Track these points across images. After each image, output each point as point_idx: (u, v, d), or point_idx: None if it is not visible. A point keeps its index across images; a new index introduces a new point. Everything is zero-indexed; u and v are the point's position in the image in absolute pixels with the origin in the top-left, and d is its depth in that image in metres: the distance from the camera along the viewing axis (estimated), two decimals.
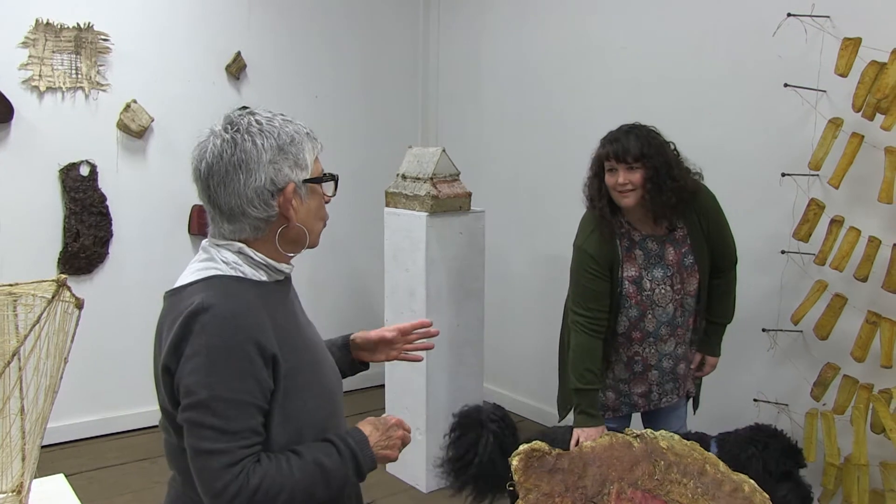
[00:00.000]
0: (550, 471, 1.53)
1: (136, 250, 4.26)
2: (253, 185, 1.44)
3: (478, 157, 4.64)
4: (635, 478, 1.62)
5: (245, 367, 1.38)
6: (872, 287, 2.90)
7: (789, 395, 3.30)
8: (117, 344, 4.19)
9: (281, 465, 1.41)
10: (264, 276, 1.51)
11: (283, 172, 1.46)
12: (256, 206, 1.45)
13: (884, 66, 2.76)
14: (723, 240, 2.78)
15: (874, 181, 2.86)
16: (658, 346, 2.77)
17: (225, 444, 1.36)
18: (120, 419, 4.31)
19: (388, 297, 3.82)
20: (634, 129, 2.62)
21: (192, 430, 1.38)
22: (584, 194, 2.75)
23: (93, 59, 4.04)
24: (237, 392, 1.38)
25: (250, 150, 1.44)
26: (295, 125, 1.50)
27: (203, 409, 1.36)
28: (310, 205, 1.51)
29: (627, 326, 2.75)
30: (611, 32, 3.97)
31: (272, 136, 1.46)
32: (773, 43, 3.19)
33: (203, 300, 1.39)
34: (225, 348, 1.37)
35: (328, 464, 1.46)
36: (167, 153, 4.28)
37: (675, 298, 2.71)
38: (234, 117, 1.49)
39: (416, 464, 3.69)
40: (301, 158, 1.48)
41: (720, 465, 1.70)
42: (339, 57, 4.84)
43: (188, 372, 1.37)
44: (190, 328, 1.38)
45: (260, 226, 1.48)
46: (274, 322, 1.46)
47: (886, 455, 2.89)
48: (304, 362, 1.51)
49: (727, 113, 3.45)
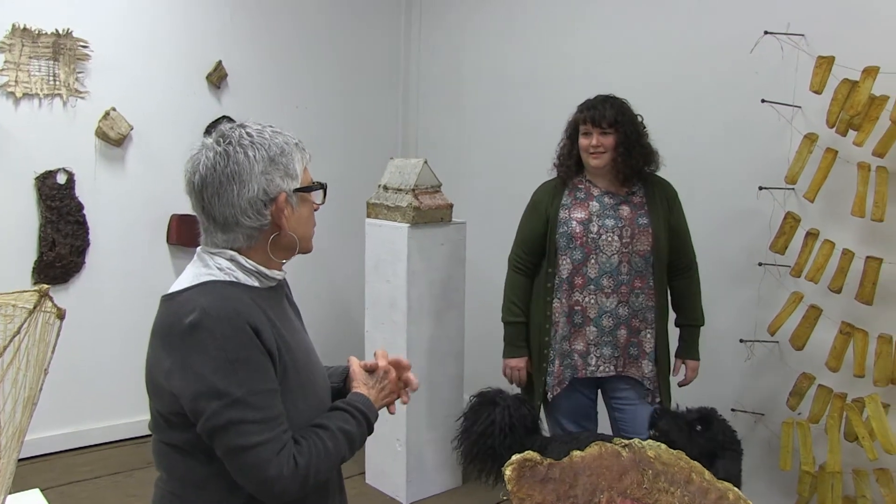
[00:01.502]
0: (542, 480, 1.54)
1: (114, 260, 4.21)
2: (246, 195, 1.48)
3: (458, 169, 4.66)
4: (624, 487, 1.63)
5: (262, 358, 1.44)
6: (846, 298, 2.96)
7: (765, 404, 3.36)
8: (93, 355, 4.14)
9: (316, 441, 1.49)
10: (256, 282, 1.55)
11: (274, 182, 1.50)
12: (250, 215, 1.50)
13: (856, 84, 2.84)
14: (682, 232, 2.99)
15: (848, 195, 2.93)
16: (598, 298, 2.90)
17: (270, 433, 1.42)
18: (92, 432, 4.25)
19: (369, 309, 3.82)
20: (609, 99, 2.93)
21: (233, 429, 1.40)
22: (555, 154, 3.05)
23: (71, 65, 4.01)
24: (265, 381, 1.44)
25: (243, 162, 1.49)
26: (284, 136, 1.55)
27: (242, 405, 1.40)
28: (301, 213, 1.57)
29: (570, 271, 2.92)
30: (592, 46, 4.02)
31: (263, 148, 1.50)
32: (750, 59, 3.27)
33: (204, 307, 1.42)
34: (240, 344, 1.42)
35: (350, 428, 1.56)
36: (146, 162, 4.26)
37: (623, 252, 2.88)
38: (226, 130, 1.54)
39: (397, 475, 3.69)
40: (291, 168, 1.53)
41: (705, 474, 1.72)
42: (321, 67, 4.85)
43: (211, 376, 1.39)
44: (196, 335, 1.41)
45: (253, 234, 1.53)
46: (270, 322, 1.50)
47: (859, 463, 2.95)
48: (298, 364, 1.55)
49: (706, 127, 3.52)
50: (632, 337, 2.94)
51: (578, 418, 3.09)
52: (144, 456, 4.08)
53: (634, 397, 3.00)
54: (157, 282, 4.30)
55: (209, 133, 4.70)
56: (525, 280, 3.09)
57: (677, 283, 3.02)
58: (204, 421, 1.41)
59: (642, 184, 2.96)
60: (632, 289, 2.91)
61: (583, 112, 2.93)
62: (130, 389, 4.26)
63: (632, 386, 2.99)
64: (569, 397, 3.04)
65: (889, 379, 2.83)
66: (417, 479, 3.72)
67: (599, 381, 3.03)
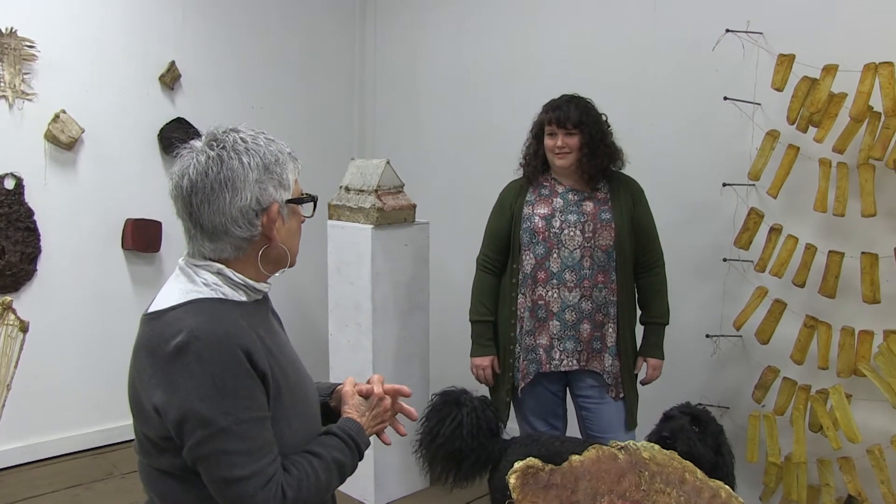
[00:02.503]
0: (545, 487, 1.56)
1: (67, 267, 4.08)
2: (238, 204, 1.43)
3: (416, 169, 4.63)
4: (623, 489, 1.66)
5: (250, 383, 1.39)
6: (808, 292, 3.02)
7: (730, 398, 3.41)
8: (47, 365, 3.99)
9: (307, 470, 1.44)
10: (243, 296, 1.49)
11: (267, 192, 1.45)
12: (241, 225, 1.44)
13: (815, 82, 2.89)
14: (648, 229, 3.01)
15: (809, 191, 2.99)
16: (561, 293, 2.92)
17: (256, 465, 1.36)
18: (48, 444, 4.10)
19: (333, 311, 3.77)
20: (574, 99, 2.95)
21: (217, 459, 1.35)
22: (521, 154, 3.07)
23: (17, 66, 3.86)
24: (253, 409, 1.38)
25: (237, 169, 1.42)
26: (278, 144, 1.50)
27: (227, 435, 1.34)
28: (291, 225, 1.52)
29: (534, 266, 2.95)
30: (550, 44, 4.03)
31: (258, 155, 1.45)
32: (711, 57, 3.31)
33: (192, 329, 1.36)
34: (229, 371, 1.35)
35: (343, 459, 1.52)
36: (99, 165, 4.13)
37: (585, 246, 2.90)
38: (219, 134, 1.47)
39: (365, 478, 3.65)
40: (285, 178, 1.48)
41: (698, 473, 1.75)
42: (276, 67, 4.77)
43: (197, 403, 1.34)
44: (183, 359, 1.35)
45: (242, 245, 1.47)
46: (260, 340, 1.44)
47: (822, 452, 3.01)
48: (290, 381, 1.51)
49: (668, 124, 3.55)
50: (595, 331, 2.95)
51: (546, 415, 3.09)
52: (103, 467, 3.97)
53: (599, 395, 3.01)
54: (111, 289, 4.23)
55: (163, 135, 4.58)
56: (492, 279, 3.09)
57: (643, 280, 3.04)
58: (188, 449, 1.36)
59: (607, 181, 2.98)
60: (594, 283, 2.92)
61: (548, 113, 2.95)
62: (86, 399, 4.16)
63: (597, 382, 3.00)
64: (535, 394, 3.05)
65: (852, 370, 2.89)
66: (385, 481, 3.69)
67: (565, 376, 3.04)
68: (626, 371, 3.00)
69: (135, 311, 4.30)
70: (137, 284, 4.28)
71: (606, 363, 2.96)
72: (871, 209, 2.79)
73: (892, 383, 2.73)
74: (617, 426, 3.01)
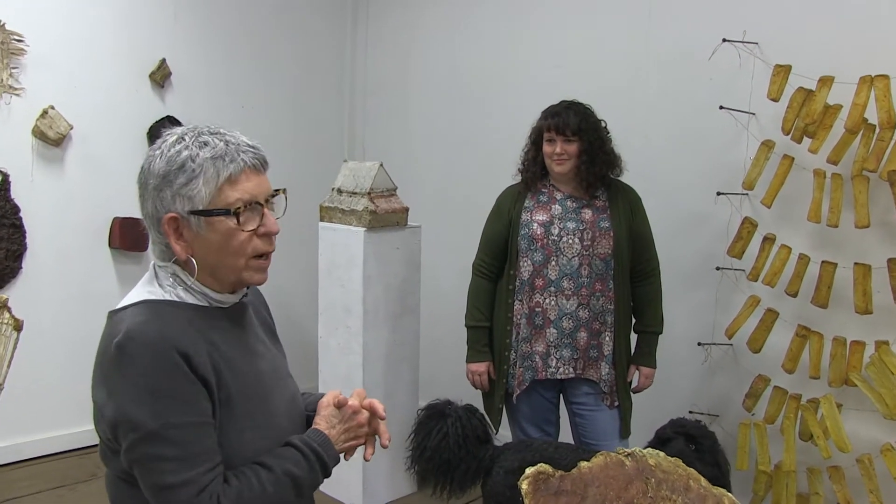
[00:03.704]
0: (556, 493, 1.54)
1: (53, 265, 4.02)
2: (145, 210, 1.41)
3: (406, 172, 4.60)
4: (631, 496, 1.65)
5: (187, 387, 1.31)
6: (802, 302, 3.04)
7: (720, 406, 3.42)
8: (31, 364, 3.92)
9: (252, 482, 1.35)
10: (203, 300, 1.44)
11: (164, 202, 1.37)
12: (152, 232, 1.41)
13: (811, 93, 2.91)
14: (645, 237, 3.01)
15: (803, 201, 3.01)
16: (558, 300, 2.91)
17: (188, 473, 1.29)
18: (30, 444, 4.04)
19: (322, 314, 3.75)
20: (573, 106, 2.94)
21: (148, 465, 1.30)
22: (520, 160, 3.05)
23: (5, 60, 3.80)
24: (188, 414, 1.31)
25: (145, 174, 1.40)
26: (193, 152, 1.36)
27: (157, 440, 1.28)
28: (210, 238, 1.39)
29: (531, 272, 2.93)
30: (543, 50, 4.03)
31: (164, 161, 1.37)
32: (706, 66, 3.32)
33: (128, 329, 1.32)
34: (162, 372, 1.30)
35: (298, 473, 1.41)
36: (87, 163, 4.07)
37: (583, 254, 2.90)
38: (170, 134, 1.42)
39: (353, 482, 3.62)
40: (189, 189, 1.36)
41: (702, 481, 1.75)
42: (267, 67, 4.73)
43: (128, 405, 1.29)
44: (118, 360, 1.30)
45: (165, 252, 1.43)
46: (211, 346, 1.38)
47: (812, 461, 3.03)
48: (248, 391, 1.43)
49: (663, 133, 3.56)
50: (592, 339, 2.95)
51: (540, 422, 3.09)
52: (87, 468, 3.92)
53: (594, 402, 3.01)
54: (98, 288, 4.17)
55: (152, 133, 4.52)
56: (489, 284, 3.08)
57: (639, 288, 3.04)
58: (123, 452, 1.32)
59: (606, 189, 2.98)
60: (592, 291, 2.92)
61: (547, 119, 2.94)
62: (70, 399, 4.09)
63: (592, 389, 3.00)
64: (529, 400, 3.04)
65: (843, 380, 2.90)
66: (373, 485, 3.67)
67: (560, 383, 3.04)
68: (622, 379, 3.00)
69: None
70: (124, 284, 4.23)
71: (603, 372, 2.96)
72: (865, 220, 2.80)
73: (883, 394, 2.75)
74: (611, 434, 3.01)
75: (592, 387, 2.99)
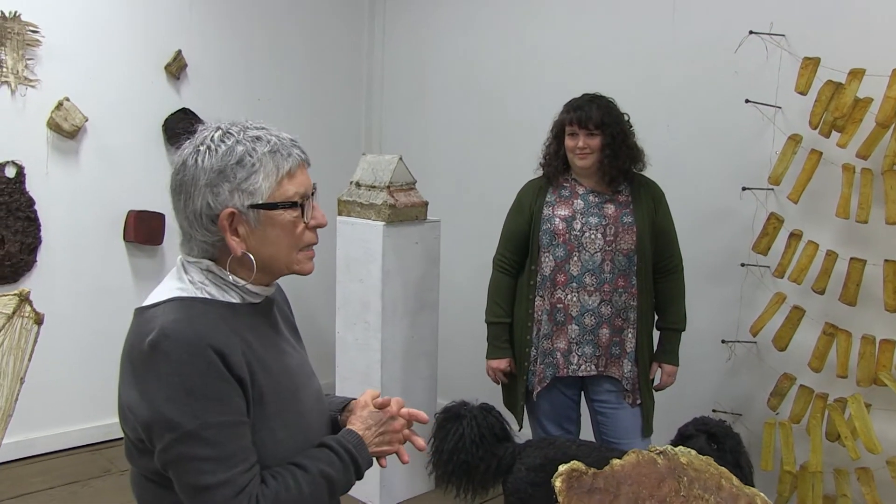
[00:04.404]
0: (589, 491, 1.53)
1: (67, 258, 3.99)
2: (191, 207, 1.36)
3: (424, 166, 4.56)
4: (663, 495, 1.63)
5: (223, 386, 1.29)
6: (829, 299, 2.98)
7: (743, 404, 3.37)
8: (45, 359, 3.85)
9: (289, 483, 1.34)
10: (236, 297, 1.41)
11: (221, 197, 1.34)
12: (197, 229, 1.37)
13: (840, 86, 2.85)
14: (668, 233, 2.97)
15: (830, 196, 2.95)
16: (581, 296, 2.87)
17: (226, 474, 1.27)
18: (43, 440, 4.01)
19: (340, 309, 3.71)
20: (596, 99, 2.89)
21: (184, 466, 1.27)
22: (541, 154, 3.02)
23: (20, 51, 3.77)
24: (225, 413, 1.29)
25: (192, 171, 1.35)
26: (249, 145, 1.35)
27: (194, 440, 1.26)
28: (267, 233, 1.38)
29: (553, 268, 2.89)
30: (564, 42, 3.97)
31: (217, 156, 1.34)
32: (731, 59, 3.26)
33: (162, 327, 1.29)
34: (198, 371, 1.27)
35: (332, 473, 1.40)
36: (102, 155, 4.04)
37: (606, 250, 2.85)
38: (202, 129, 1.40)
39: (370, 480, 3.58)
40: (249, 183, 1.34)
41: (733, 480, 1.74)
42: (284, 59, 4.69)
43: (164, 405, 1.26)
44: (153, 358, 1.27)
45: (207, 249, 1.39)
46: (244, 344, 1.36)
47: (838, 462, 2.98)
48: (280, 389, 1.41)
49: (686, 127, 3.51)
50: (614, 336, 2.90)
51: (560, 420, 3.04)
52: (100, 464, 3.89)
53: (616, 400, 2.96)
54: (112, 282, 4.14)
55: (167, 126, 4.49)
56: (509, 280, 3.04)
57: (661, 285, 3.00)
58: (158, 453, 1.29)
59: (628, 183, 2.94)
60: (615, 287, 2.87)
61: (569, 113, 2.89)
62: (83, 394, 4.08)
63: (614, 387, 2.95)
64: (550, 398, 3.00)
65: (872, 379, 2.85)
66: (391, 483, 3.64)
67: (582, 381, 3.00)
68: (644, 377, 2.96)
69: (135, 305, 4.22)
70: (139, 278, 4.20)
71: (625, 369, 2.92)
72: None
73: None
74: (633, 433, 2.96)
75: (614, 384, 2.95)
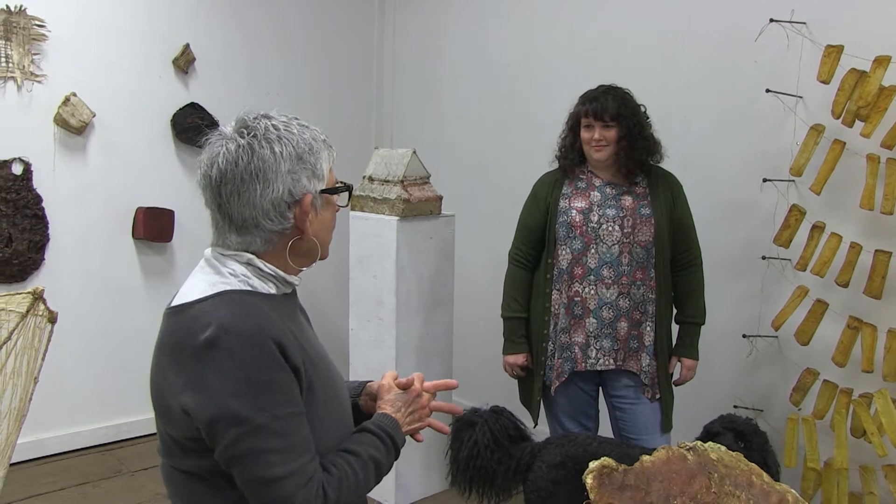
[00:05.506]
0: (620, 488, 1.53)
1: (75, 256, 3.96)
2: (270, 195, 1.36)
3: (437, 160, 4.51)
4: (695, 491, 1.64)
5: (285, 377, 1.31)
6: (853, 293, 2.93)
7: (764, 400, 3.31)
8: (54, 358, 3.80)
9: (347, 470, 1.38)
10: (273, 288, 1.42)
11: (300, 183, 1.38)
12: (272, 217, 1.37)
13: (864, 75, 2.80)
14: (686, 225, 2.93)
15: (854, 187, 2.90)
16: (598, 289, 2.83)
17: (294, 464, 1.30)
18: (53, 440, 3.98)
19: (354, 305, 3.66)
20: (612, 91, 2.85)
21: (254, 459, 1.27)
22: (556, 146, 2.96)
23: (26, 46, 3.72)
24: (289, 404, 1.31)
25: (268, 159, 1.35)
26: (311, 131, 1.43)
27: (263, 433, 1.27)
28: (324, 217, 1.45)
29: (570, 261, 2.86)
30: (578, 32, 3.91)
31: (291, 144, 1.38)
32: (750, 48, 3.21)
33: (222, 322, 1.28)
34: (262, 365, 1.28)
35: (379, 457, 1.46)
36: (110, 151, 4.00)
37: (624, 242, 2.82)
38: (250, 121, 1.39)
39: (386, 478, 3.53)
40: (319, 168, 1.41)
41: (764, 476, 1.76)
42: (293, 53, 4.65)
43: (230, 400, 1.26)
44: (212, 355, 1.27)
45: (272, 238, 1.40)
46: (292, 335, 1.37)
47: (864, 459, 2.93)
48: (322, 377, 1.43)
49: (705, 118, 3.45)
50: (632, 329, 2.86)
51: (578, 416, 3.00)
52: (110, 464, 3.86)
53: (635, 395, 2.92)
54: (121, 279, 4.10)
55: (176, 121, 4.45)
56: (525, 274, 3.00)
57: (680, 277, 2.95)
58: (222, 449, 1.28)
59: (646, 175, 2.89)
60: (633, 280, 2.83)
61: (584, 104, 2.85)
62: (93, 394, 4.05)
63: (632, 382, 2.91)
64: (567, 393, 2.96)
65: None
66: (406, 482, 3.60)
67: (599, 375, 2.95)
68: (663, 371, 2.91)
69: (145, 303, 4.25)
70: (148, 275, 4.17)
71: (644, 363, 2.87)
72: None
73: None
74: (652, 428, 2.92)
75: (633, 379, 2.90)
